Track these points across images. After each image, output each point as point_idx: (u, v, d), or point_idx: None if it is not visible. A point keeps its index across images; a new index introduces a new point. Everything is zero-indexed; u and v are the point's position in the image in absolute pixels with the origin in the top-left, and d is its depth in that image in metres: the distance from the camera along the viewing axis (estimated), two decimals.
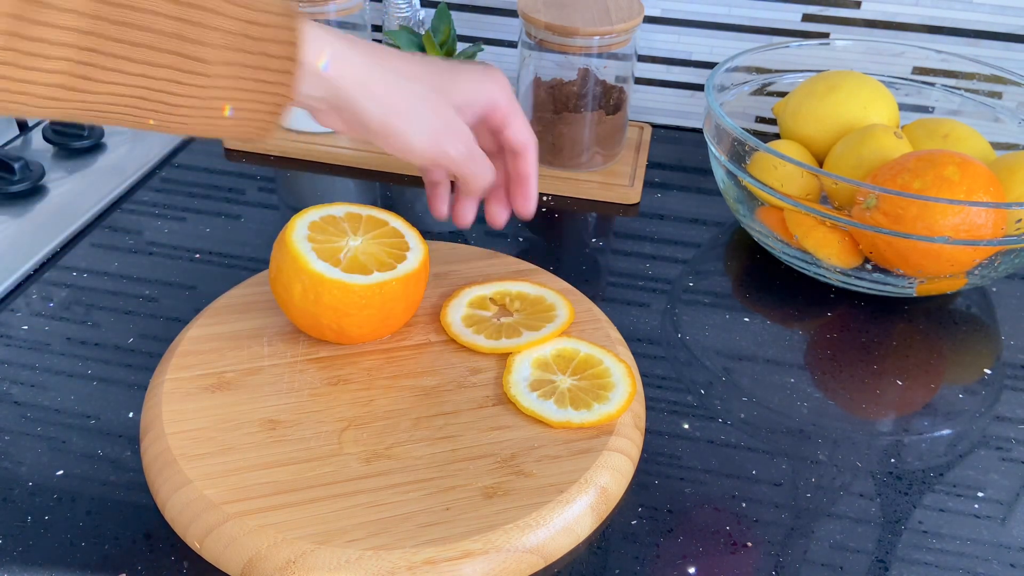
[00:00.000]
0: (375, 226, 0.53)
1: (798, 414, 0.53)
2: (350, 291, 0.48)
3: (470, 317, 0.55)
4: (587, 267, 0.65)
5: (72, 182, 0.72)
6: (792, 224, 0.61)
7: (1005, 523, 0.47)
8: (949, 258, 0.56)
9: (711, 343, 0.58)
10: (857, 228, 0.58)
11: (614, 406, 0.48)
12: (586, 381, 0.50)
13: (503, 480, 0.44)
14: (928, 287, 0.60)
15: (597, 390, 0.50)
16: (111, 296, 0.59)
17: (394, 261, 0.51)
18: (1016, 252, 0.58)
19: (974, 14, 0.76)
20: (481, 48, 0.74)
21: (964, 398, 0.55)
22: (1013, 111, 0.70)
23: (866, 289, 0.62)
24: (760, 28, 0.80)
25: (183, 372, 0.50)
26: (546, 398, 0.49)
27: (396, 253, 0.51)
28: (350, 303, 0.48)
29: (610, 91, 0.74)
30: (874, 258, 0.60)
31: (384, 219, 0.53)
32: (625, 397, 0.49)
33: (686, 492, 0.47)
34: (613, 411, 0.48)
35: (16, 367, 0.53)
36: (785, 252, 0.63)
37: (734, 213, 0.67)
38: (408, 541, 0.41)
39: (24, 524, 0.43)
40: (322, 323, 0.49)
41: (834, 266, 0.61)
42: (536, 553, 0.42)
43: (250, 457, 0.45)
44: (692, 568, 0.43)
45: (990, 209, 0.54)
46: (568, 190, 0.74)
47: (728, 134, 0.61)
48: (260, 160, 0.77)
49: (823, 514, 0.47)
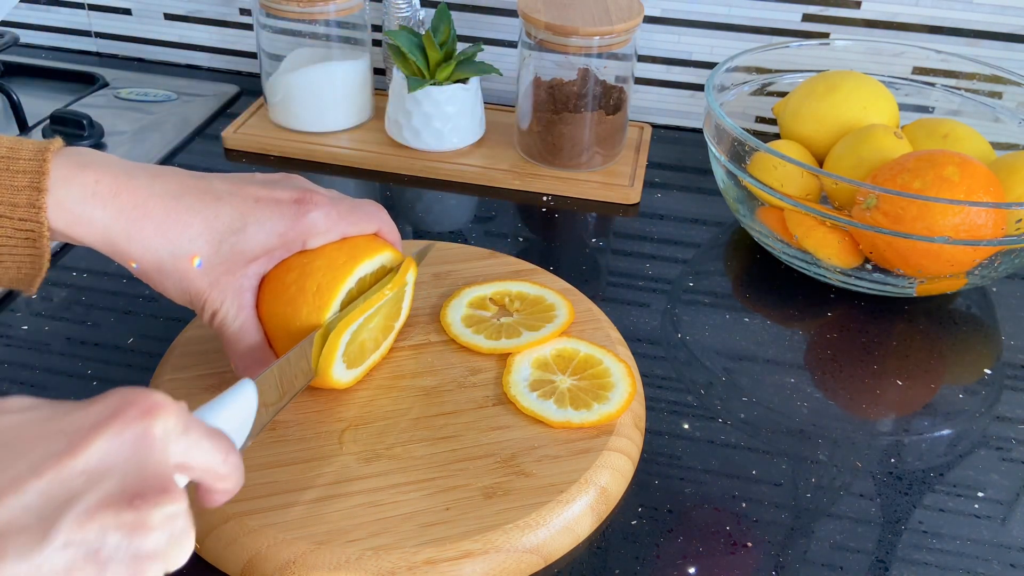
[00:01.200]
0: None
1: (798, 414, 0.53)
2: (336, 385, 0.48)
3: (470, 317, 0.55)
4: (587, 267, 0.65)
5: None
6: (792, 224, 0.61)
7: (1005, 523, 0.47)
8: (949, 258, 0.56)
9: (711, 343, 0.58)
10: (857, 228, 0.57)
11: (614, 406, 0.48)
12: (586, 381, 0.50)
13: (503, 480, 0.44)
14: (928, 287, 0.60)
15: (597, 390, 0.50)
16: (111, 296, 0.59)
17: (384, 339, 0.51)
18: (1016, 252, 0.58)
19: (974, 14, 0.76)
20: (481, 48, 0.74)
21: (964, 398, 0.55)
22: (1013, 111, 0.70)
23: (866, 289, 0.62)
24: (760, 28, 0.80)
25: (182, 372, 0.50)
26: (546, 398, 0.49)
27: (390, 326, 0.51)
28: (330, 387, 0.49)
29: (610, 91, 0.74)
30: (874, 258, 0.60)
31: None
32: (625, 397, 0.49)
33: (686, 492, 0.47)
34: (613, 411, 0.48)
35: (16, 367, 0.53)
36: (785, 252, 0.63)
37: (734, 213, 0.67)
38: (408, 541, 0.41)
39: None
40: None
41: (834, 266, 0.61)
42: (536, 553, 0.42)
43: (250, 457, 0.45)
44: (692, 568, 0.43)
45: (990, 209, 0.54)
46: (568, 190, 0.74)
47: (728, 134, 0.61)
48: (260, 160, 0.77)
49: (823, 514, 0.47)
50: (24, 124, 0.79)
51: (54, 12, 0.95)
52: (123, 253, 0.42)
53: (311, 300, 0.44)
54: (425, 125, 0.75)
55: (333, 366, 0.45)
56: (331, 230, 0.45)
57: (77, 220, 0.40)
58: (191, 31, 0.93)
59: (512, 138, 0.79)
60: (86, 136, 0.76)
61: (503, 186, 0.75)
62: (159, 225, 0.41)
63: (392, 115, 0.77)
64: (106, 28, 0.95)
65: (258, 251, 0.43)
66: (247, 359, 0.45)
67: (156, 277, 0.43)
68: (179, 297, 0.43)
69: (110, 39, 0.96)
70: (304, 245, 0.45)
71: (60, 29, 0.96)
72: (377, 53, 0.86)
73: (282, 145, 0.78)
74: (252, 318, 0.45)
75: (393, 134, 0.78)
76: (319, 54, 0.77)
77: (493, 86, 0.86)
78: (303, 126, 0.79)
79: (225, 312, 0.44)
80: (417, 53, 0.73)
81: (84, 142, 0.75)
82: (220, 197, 0.43)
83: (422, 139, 0.76)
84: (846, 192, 0.61)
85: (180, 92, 0.87)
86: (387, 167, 0.76)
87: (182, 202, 0.42)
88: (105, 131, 0.78)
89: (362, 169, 0.77)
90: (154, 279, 0.43)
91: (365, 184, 0.75)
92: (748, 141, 0.59)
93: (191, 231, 0.42)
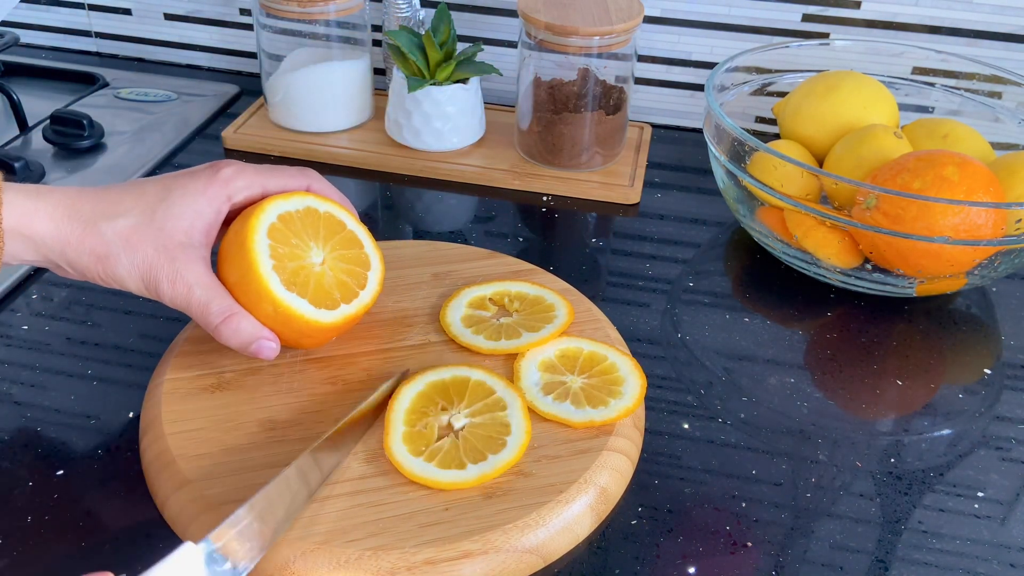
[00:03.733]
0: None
1: (798, 414, 0.53)
2: (318, 326, 0.48)
3: (470, 317, 0.55)
4: (587, 267, 0.65)
5: (72, 182, 0.72)
6: (792, 224, 0.61)
7: (1005, 523, 0.47)
8: (949, 258, 0.56)
9: (711, 343, 0.58)
10: (857, 228, 0.58)
11: (630, 399, 0.49)
12: (596, 378, 0.50)
13: (502, 480, 0.44)
14: (928, 287, 0.60)
15: (609, 386, 0.50)
16: (111, 296, 0.59)
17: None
18: (1016, 252, 0.58)
19: (974, 14, 0.76)
20: (481, 48, 0.74)
21: (964, 398, 0.55)
22: (1013, 111, 0.70)
23: (866, 289, 0.62)
24: (760, 28, 0.80)
25: (182, 372, 0.50)
26: (562, 400, 0.49)
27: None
28: (314, 332, 0.48)
29: (610, 91, 0.74)
30: (874, 258, 0.60)
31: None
32: (638, 390, 0.49)
33: (686, 492, 0.47)
34: (630, 404, 0.48)
35: (16, 367, 0.53)
36: (785, 252, 0.63)
37: (734, 213, 0.67)
38: (407, 541, 0.41)
39: (24, 524, 0.43)
40: (281, 335, 0.48)
41: (834, 266, 0.61)
42: (535, 553, 0.42)
43: (249, 457, 0.45)
44: (692, 568, 0.43)
45: (990, 209, 0.54)
46: (568, 190, 0.74)
47: (728, 134, 0.61)
48: (260, 160, 0.77)
49: (823, 514, 0.47)
50: (24, 124, 0.79)
51: (54, 12, 0.95)
52: (64, 251, 0.44)
53: (234, 240, 0.47)
54: (425, 125, 0.75)
55: (260, 264, 0.46)
56: (251, 184, 0.48)
57: (25, 214, 0.43)
58: (191, 31, 0.93)
59: (512, 138, 0.79)
60: (86, 136, 0.76)
61: (503, 186, 0.75)
62: (94, 207, 0.45)
63: (392, 115, 0.77)
64: (106, 28, 0.95)
65: (188, 214, 0.46)
66: (226, 324, 0.46)
67: (108, 263, 0.44)
68: (134, 275, 0.45)
69: (110, 39, 0.96)
70: (229, 200, 0.48)
71: (60, 29, 0.96)
72: (377, 53, 0.86)
73: (282, 145, 0.78)
74: (213, 281, 0.46)
75: (393, 134, 0.78)
76: (319, 54, 0.77)
77: (493, 86, 0.86)
78: (303, 126, 0.79)
79: (183, 277, 0.45)
80: (417, 53, 0.73)
81: (84, 142, 0.75)
82: (144, 182, 0.47)
83: (422, 139, 0.76)
84: (846, 192, 0.61)
85: (180, 92, 0.87)
86: (387, 167, 0.76)
87: (110, 191, 0.46)
88: (105, 131, 0.78)
89: (362, 169, 0.77)
90: (109, 266, 0.45)
91: (365, 184, 0.75)
92: (748, 141, 0.59)
93: (123, 206, 0.45)
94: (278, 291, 0.46)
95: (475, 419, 0.47)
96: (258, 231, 0.46)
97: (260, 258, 0.46)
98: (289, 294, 0.46)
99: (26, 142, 0.77)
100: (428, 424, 0.46)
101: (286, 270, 0.47)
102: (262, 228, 0.47)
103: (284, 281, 0.46)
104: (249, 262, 0.46)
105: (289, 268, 0.47)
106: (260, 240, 0.46)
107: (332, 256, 0.49)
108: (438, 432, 0.46)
